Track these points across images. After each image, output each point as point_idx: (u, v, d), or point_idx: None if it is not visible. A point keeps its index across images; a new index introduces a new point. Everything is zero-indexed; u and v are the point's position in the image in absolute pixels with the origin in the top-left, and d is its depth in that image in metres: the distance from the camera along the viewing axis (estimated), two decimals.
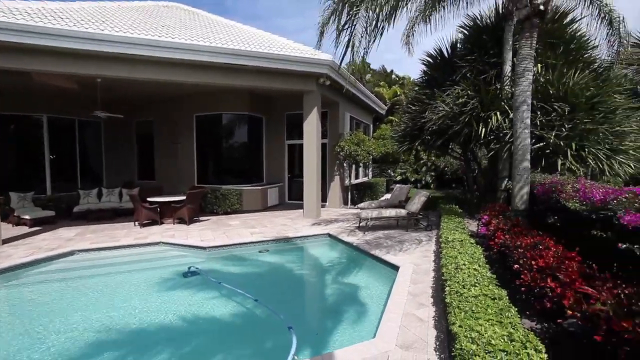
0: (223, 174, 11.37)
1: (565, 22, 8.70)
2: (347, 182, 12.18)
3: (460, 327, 2.56)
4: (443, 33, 14.71)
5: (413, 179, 18.24)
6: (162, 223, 8.92)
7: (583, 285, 2.84)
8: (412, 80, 24.49)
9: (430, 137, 9.44)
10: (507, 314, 2.72)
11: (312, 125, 9.60)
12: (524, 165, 6.16)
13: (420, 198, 8.23)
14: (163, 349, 3.52)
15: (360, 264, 6.31)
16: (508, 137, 7.20)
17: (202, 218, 9.67)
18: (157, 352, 3.47)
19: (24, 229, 8.26)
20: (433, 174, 18.21)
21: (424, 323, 3.55)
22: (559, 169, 6.96)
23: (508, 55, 7.92)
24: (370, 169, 16.62)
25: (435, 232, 7.58)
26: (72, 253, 6.48)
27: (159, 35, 7.53)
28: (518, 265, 3.70)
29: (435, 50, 10.38)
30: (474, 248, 4.71)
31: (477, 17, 9.48)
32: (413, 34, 10.31)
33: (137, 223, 8.63)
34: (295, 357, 3.12)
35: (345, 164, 11.87)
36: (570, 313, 2.63)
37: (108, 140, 12.46)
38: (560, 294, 2.90)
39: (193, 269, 5.69)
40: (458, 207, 8.77)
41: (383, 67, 30.59)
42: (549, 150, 7.06)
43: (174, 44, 7.50)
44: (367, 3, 6.21)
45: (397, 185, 10.76)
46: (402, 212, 8.20)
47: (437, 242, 6.47)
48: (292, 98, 11.19)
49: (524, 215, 6.00)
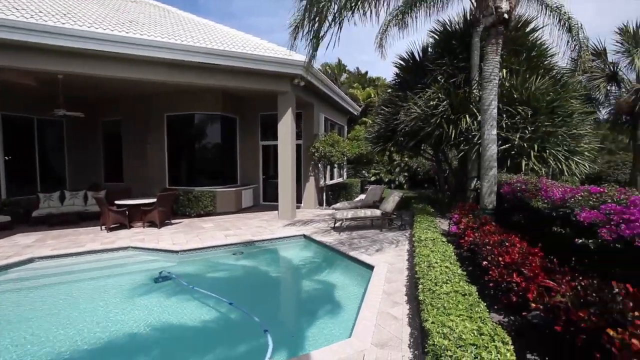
0: (196, 176, 11.09)
1: (527, 30, 9.18)
2: (322, 183, 12.22)
3: (433, 323, 2.62)
4: (415, 37, 15.17)
5: (387, 180, 18.58)
6: (131, 227, 8.56)
7: (545, 279, 3.00)
8: (385, 82, 24.97)
9: (403, 138, 9.66)
10: (476, 309, 2.82)
11: (286, 126, 9.56)
12: (492, 166, 6.43)
13: (394, 198, 8.40)
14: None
15: (336, 265, 6.34)
16: (477, 138, 7.49)
17: (174, 221, 9.37)
18: None
19: None
20: (406, 175, 18.64)
21: (399, 321, 3.62)
22: (523, 169, 7.34)
23: (476, 61, 8.24)
24: (345, 170, 16.77)
25: (409, 231, 7.75)
26: (31, 260, 6.07)
27: (126, 32, 7.24)
28: (486, 262, 3.85)
29: (408, 54, 10.64)
30: (446, 246, 4.85)
31: (447, 22, 9.81)
32: (386, 38, 10.53)
33: (104, 227, 8.24)
34: None
35: (320, 165, 11.91)
36: (534, 306, 2.77)
37: (71, 141, 11.79)
38: (525, 288, 3.05)
39: (165, 274, 5.50)
40: (430, 206, 9.02)
41: (357, 68, 30.97)
42: (514, 152, 7.43)
43: (142, 41, 7.23)
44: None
45: (371, 186, 10.93)
46: (376, 212, 8.32)
47: (410, 241, 6.62)
48: (266, 98, 11.09)
49: (492, 214, 6.25)
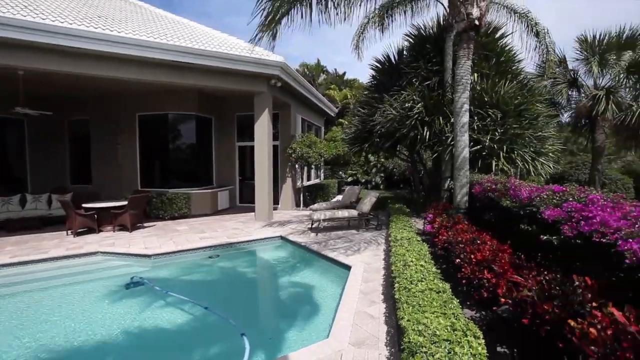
0: (169, 177, 10.77)
1: (497, 36, 9.58)
2: (299, 184, 12.20)
3: (409, 321, 2.68)
4: (391, 40, 15.43)
5: (364, 180, 18.80)
6: (100, 231, 8.20)
7: (513, 275, 3.13)
8: (361, 84, 25.26)
9: (380, 139, 9.81)
10: (450, 306, 2.90)
11: (263, 127, 9.48)
12: (464, 167, 6.65)
13: (371, 199, 8.50)
14: None
15: (313, 265, 6.35)
16: (450, 140, 7.72)
17: (146, 224, 9.06)
18: None
19: None
20: (382, 175, 18.94)
21: (375, 320, 3.66)
22: (494, 170, 7.64)
23: (449, 64, 8.49)
24: (322, 171, 16.82)
25: (385, 231, 7.87)
26: None
27: (94, 27, 6.94)
28: (459, 260, 3.98)
29: (384, 56, 10.82)
30: (421, 245, 4.96)
31: (421, 27, 10.07)
32: (362, 40, 10.68)
33: (70, 232, 7.84)
34: None
35: (297, 166, 11.88)
36: (503, 301, 2.89)
37: (34, 141, 11.13)
38: (495, 284, 3.16)
39: (137, 279, 5.30)
40: (406, 206, 9.20)
41: (335, 70, 31.18)
42: (485, 153, 7.72)
43: (111, 37, 6.96)
44: None
45: (348, 187, 11.01)
46: (353, 212, 8.40)
47: (386, 240, 6.72)
48: (242, 99, 10.95)
49: (465, 213, 6.47)
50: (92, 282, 5.74)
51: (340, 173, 19.06)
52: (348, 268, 5.44)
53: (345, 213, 8.38)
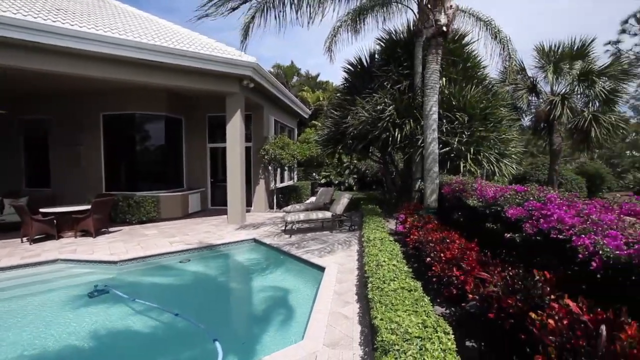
0: (137, 180, 10.34)
1: (464, 42, 9.98)
2: (272, 185, 12.10)
3: (382, 320, 2.73)
4: (363, 43, 15.68)
5: (337, 182, 18.94)
6: (60, 237, 7.72)
7: (480, 272, 3.27)
8: (334, 86, 25.47)
9: (352, 141, 9.93)
10: (421, 304, 2.98)
11: (235, 128, 9.33)
12: (434, 168, 6.87)
13: (344, 200, 8.59)
14: None
15: (287, 267, 6.31)
16: (420, 142, 7.94)
17: (112, 229, 8.64)
18: None
19: None
20: (355, 177, 19.16)
21: (350, 320, 3.70)
22: (461, 171, 7.95)
23: (418, 69, 8.74)
24: (296, 172, 16.78)
25: (359, 232, 7.97)
26: None
27: (53, 20, 6.55)
28: (430, 258, 4.10)
29: (356, 59, 10.98)
30: (393, 245, 5.06)
31: (392, 31, 10.31)
32: (335, 43, 10.78)
33: (25, 239, 7.32)
34: None
35: (270, 168, 11.79)
36: (471, 297, 3.01)
37: None
38: (463, 281, 3.29)
39: (101, 287, 5.05)
40: (378, 207, 9.36)
41: (308, 72, 31.23)
42: (453, 154, 8.03)
43: (70, 32, 6.57)
44: None
45: (321, 188, 11.07)
46: (327, 214, 8.44)
47: (360, 241, 6.81)
48: (214, 99, 10.72)
49: (435, 213, 6.67)
50: (51, 292, 5.39)
51: (314, 174, 19.10)
52: (322, 269, 5.45)
53: (319, 214, 8.40)
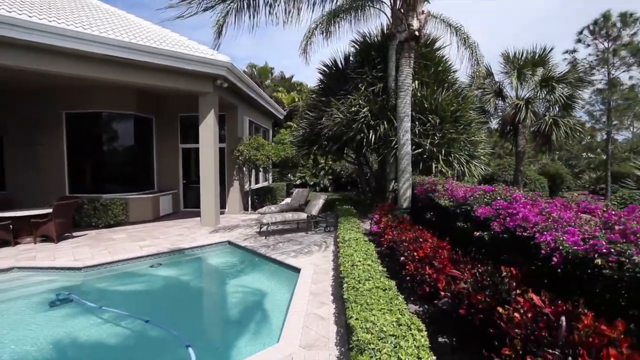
0: (104, 181, 9.87)
1: (435, 47, 10.28)
2: (246, 187, 11.94)
3: (357, 319, 2.74)
4: (339, 45, 15.80)
5: (312, 183, 18.97)
6: (17, 244, 7.24)
7: (452, 270, 3.37)
8: (309, 88, 25.51)
9: (327, 142, 9.98)
10: (395, 302, 3.03)
11: (208, 128, 9.12)
12: (407, 169, 7.01)
13: (319, 201, 8.60)
14: None
15: (262, 270, 6.24)
16: (394, 143, 8.10)
17: (76, 234, 8.19)
18: None
19: None
20: (330, 178, 19.27)
21: (325, 320, 3.70)
22: (433, 172, 8.17)
23: (392, 72, 8.92)
24: (270, 174, 16.65)
25: (334, 232, 8.00)
26: None
27: (8, 10, 6.14)
28: (404, 257, 4.17)
29: (331, 61, 11.05)
30: (368, 245, 5.12)
31: (366, 34, 10.46)
32: (310, 44, 10.81)
33: None
34: None
35: (245, 169, 11.63)
36: (443, 294, 3.09)
37: None
38: (436, 279, 3.37)
39: (63, 296, 4.76)
40: (353, 207, 9.45)
41: (282, 72, 31.07)
42: (426, 156, 8.25)
43: (29, 24, 6.19)
44: None
45: (296, 189, 11.03)
46: (302, 215, 8.42)
47: (335, 242, 6.84)
48: (186, 99, 10.44)
49: (408, 213, 6.82)
50: (6, 302, 5.01)
51: (289, 176, 19.03)
52: (298, 270, 5.43)
53: (295, 216, 8.37)
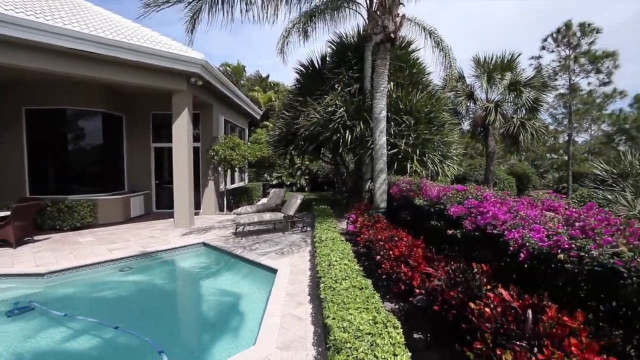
0: (69, 182, 9.38)
1: (410, 49, 10.50)
2: (222, 187, 11.72)
3: (334, 319, 2.76)
4: (316, 45, 15.88)
5: (289, 183, 18.88)
6: None
7: (426, 267, 3.45)
8: (286, 87, 25.40)
9: (304, 142, 9.97)
10: (372, 301, 3.07)
11: (182, 128, 8.88)
12: (383, 169, 7.12)
13: (296, 201, 8.58)
14: None
15: (239, 271, 6.15)
16: (370, 143, 8.20)
17: (38, 238, 7.72)
18: None
19: None
20: (307, 178, 19.25)
21: (303, 321, 3.69)
22: (408, 171, 8.34)
23: (368, 73, 9.03)
24: (247, 174, 16.44)
25: (311, 232, 8.00)
26: None
27: None
28: (379, 256, 4.24)
29: (308, 61, 11.04)
30: (344, 245, 5.16)
31: (343, 35, 10.53)
32: (287, 44, 10.77)
33: None
34: None
35: (220, 169, 11.41)
36: (418, 291, 3.17)
37: None
38: (411, 277, 3.45)
39: (23, 304, 4.48)
40: (330, 207, 9.49)
41: (258, 72, 30.74)
42: (401, 156, 8.41)
43: None
44: None
45: (273, 189, 10.96)
46: (279, 215, 8.37)
47: (312, 242, 6.84)
48: (159, 96, 10.11)
49: (384, 212, 6.93)
50: None
51: (265, 176, 18.86)
52: (274, 271, 5.39)
53: (272, 216, 8.30)
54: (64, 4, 8.62)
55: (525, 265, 2.84)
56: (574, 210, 3.12)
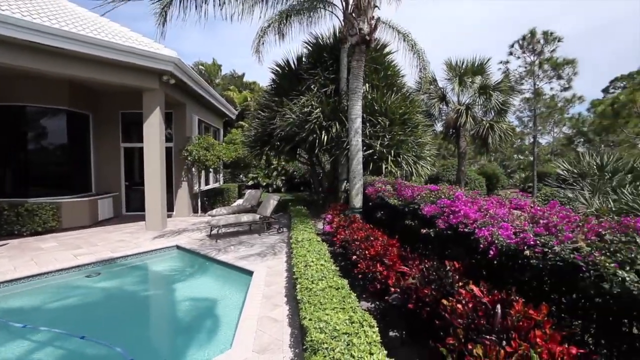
0: (29, 184, 8.84)
1: (385, 52, 10.67)
2: (196, 188, 11.45)
3: (310, 320, 2.75)
4: (292, 45, 15.82)
5: (265, 184, 18.72)
6: None
7: (401, 266, 3.52)
8: (262, 87, 25.16)
9: (280, 143, 9.91)
10: (348, 300, 3.09)
11: (154, 127, 8.59)
12: (358, 169, 7.20)
13: (272, 202, 8.51)
14: None
15: (213, 274, 6.02)
16: (345, 144, 8.26)
17: None
18: None
19: None
20: (283, 178, 19.16)
21: (279, 323, 3.67)
22: (383, 172, 8.48)
23: (344, 74, 9.09)
24: (222, 175, 16.14)
25: (287, 233, 7.96)
26: None
27: None
28: (356, 256, 4.28)
29: (284, 61, 10.98)
30: (321, 245, 5.17)
31: (319, 36, 10.55)
32: (263, 44, 10.66)
33: None
34: None
35: (194, 170, 11.14)
36: (393, 290, 3.22)
37: None
38: (386, 276, 3.50)
39: None
40: (306, 208, 9.48)
41: (233, 71, 30.29)
42: (376, 156, 8.53)
43: None
44: None
45: (248, 190, 10.82)
46: (255, 216, 8.27)
47: (288, 243, 6.81)
48: (129, 94, 9.73)
49: (360, 212, 7.00)
50: None
51: (241, 176, 18.59)
52: (250, 273, 5.33)
53: (248, 217, 8.20)
54: None
55: (495, 262, 2.96)
56: (539, 209, 3.28)
